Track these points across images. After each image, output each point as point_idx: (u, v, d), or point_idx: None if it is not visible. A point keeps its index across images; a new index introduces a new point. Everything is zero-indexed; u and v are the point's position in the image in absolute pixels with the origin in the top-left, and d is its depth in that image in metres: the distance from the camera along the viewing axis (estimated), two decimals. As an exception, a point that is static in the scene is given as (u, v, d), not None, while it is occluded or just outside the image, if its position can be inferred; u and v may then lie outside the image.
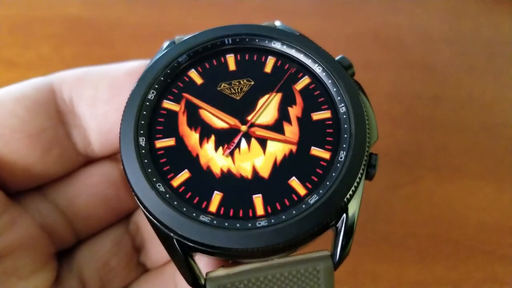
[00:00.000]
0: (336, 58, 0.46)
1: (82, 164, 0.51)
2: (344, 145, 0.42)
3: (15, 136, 0.45)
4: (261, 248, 0.38)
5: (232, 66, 0.46)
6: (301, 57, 0.46)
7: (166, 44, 0.48)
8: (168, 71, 0.45)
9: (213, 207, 0.40)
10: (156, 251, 0.52)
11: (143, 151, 0.42)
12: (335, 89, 0.44)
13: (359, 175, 0.41)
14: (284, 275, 0.40)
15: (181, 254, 0.40)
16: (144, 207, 0.40)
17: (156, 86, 0.44)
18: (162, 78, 0.44)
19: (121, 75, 0.49)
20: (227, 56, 0.46)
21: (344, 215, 0.41)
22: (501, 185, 0.69)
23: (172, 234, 0.40)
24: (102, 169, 0.51)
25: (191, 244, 0.39)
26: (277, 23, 0.49)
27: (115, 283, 0.51)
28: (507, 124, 0.74)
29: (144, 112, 0.43)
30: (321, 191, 0.40)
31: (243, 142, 0.43)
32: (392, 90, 0.78)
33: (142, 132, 0.42)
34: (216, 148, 0.43)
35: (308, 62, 0.46)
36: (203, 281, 0.40)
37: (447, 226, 0.66)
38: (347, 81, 0.44)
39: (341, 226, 0.41)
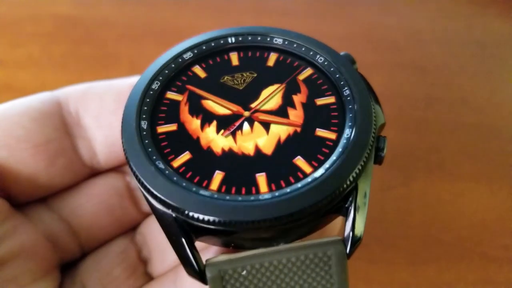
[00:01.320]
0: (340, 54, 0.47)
1: (88, 175, 0.51)
2: (349, 123, 0.41)
3: (21, 146, 0.46)
4: (264, 222, 0.36)
5: (235, 61, 0.47)
6: (302, 51, 0.47)
7: None
8: (173, 65, 0.46)
9: (214, 186, 0.39)
10: (163, 262, 0.51)
11: (144, 133, 0.42)
12: (337, 75, 0.45)
13: (367, 151, 0.39)
14: (292, 261, 0.37)
15: (180, 236, 0.38)
16: (142, 183, 0.39)
17: (160, 78, 0.45)
18: (166, 71, 0.46)
19: (126, 88, 0.49)
20: (231, 54, 0.48)
21: (353, 196, 0.39)
22: (494, 186, 0.69)
23: (170, 211, 0.38)
24: (107, 180, 0.52)
25: (190, 221, 0.37)
26: None
27: None
28: (499, 125, 0.75)
29: (147, 100, 0.44)
30: (327, 165, 0.39)
31: (246, 125, 0.43)
32: (383, 91, 0.77)
33: (144, 116, 0.43)
34: (218, 131, 0.43)
35: (309, 54, 0.47)
36: (202, 268, 0.38)
37: (439, 227, 0.66)
38: (349, 67, 0.45)
39: (351, 208, 0.38)
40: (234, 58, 0.48)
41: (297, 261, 0.37)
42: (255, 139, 0.42)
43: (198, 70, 0.47)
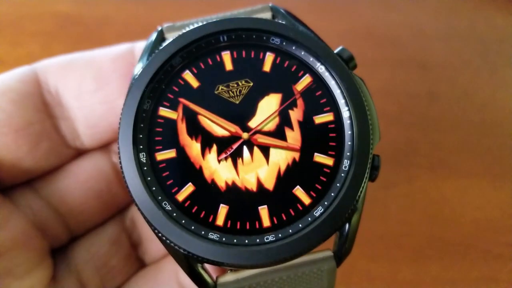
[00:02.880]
0: (336, 50, 0.44)
1: (73, 156, 0.50)
2: (348, 153, 0.41)
3: (2, 131, 0.44)
4: (270, 263, 0.39)
5: (228, 65, 0.43)
6: (302, 54, 0.43)
7: (154, 35, 0.45)
8: (162, 76, 0.42)
9: (220, 221, 0.40)
10: (154, 247, 0.52)
11: (145, 168, 0.41)
12: (338, 91, 0.42)
13: (363, 184, 0.40)
14: (290, 276, 0.40)
15: (191, 266, 0.41)
16: (153, 226, 0.40)
17: (151, 94, 0.42)
18: (156, 85, 0.42)
19: (106, 64, 0.48)
20: (223, 53, 0.44)
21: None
22: (497, 183, 0.69)
23: (182, 250, 0.39)
24: (93, 162, 0.51)
25: (200, 259, 0.39)
26: (270, 4, 0.47)
27: (115, 281, 0.50)
28: (502, 122, 0.74)
29: (142, 125, 0.41)
30: (326, 203, 0.40)
31: (246, 151, 0.42)
32: (386, 88, 0.78)
33: (141, 147, 0.41)
34: (219, 159, 0.42)
35: (309, 60, 0.43)
36: (213, 286, 0.41)
37: (442, 225, 0.66)
38: (351, 83, 0.42)
39: (345, 228, 0.41)
40: (227, 59, 0.44)
41: (295, 276, 0.41)
42: (256, 170, 0.42)
43: (189, 77, 0.43)
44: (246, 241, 0.39)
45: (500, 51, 0.82)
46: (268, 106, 0.43)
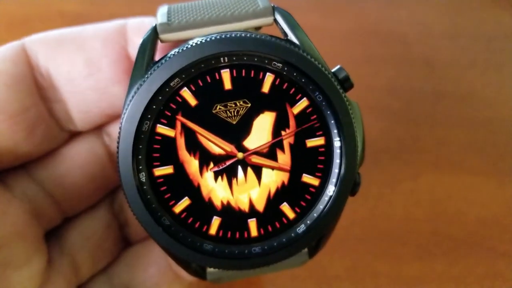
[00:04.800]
0: (333, 69, 0.43)
1: (67, 139, 0.50)
2: (333, 180, 0.43)
3: None
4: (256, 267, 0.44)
5: (227, 84, 0.43)
6: (302, 81, 0.43)
7: (147, 35, 0.44)
8: (160, 97, 0.42)
9: (212, 230, 0.44)
10: (140, 227, 0.52)
11: (145, 187, 0.43)
12: (332, 121, 0.43)
13: (344, 205, 0.44)
14: (271, 267, 0.45)
15: (187, 264, 0.46)
16: (153, 238, 0.43)
17: (149, 116, 0.42)
18: (154, 106, 0.42)
19: (97, 46, 0.46)
20: (222, 72, 0.43)
21: None
22: (502, 180, 0.69)
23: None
24: (87, 145, 0.50)
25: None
26: (273, 5, 0.46)
27: (105, 261, 0.52)
28: (508, 119, 0.74)
29: (140, 146, 0.42)
30: (308, 222, 0.44)
31: (240, 171, 0.44)
32: (392, 85, 0.78)
33: (141, 167, 0.42)
34: (216, 178, 0.44)
35: (309, 88, 0.43)
36: (203, 274, 0.47)
37: (447, 222, 0.66)
38: (346, 115, 0.42)
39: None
40: (226, 78, 0.43)
41: (276, 266, 0.45)
42: (249, 191, 0.44)
43: (187, 95, 0.43)
44: (236, 251, 0.44)
45: (507, 49, 0.82)
46: (262, 125, 0.44)
